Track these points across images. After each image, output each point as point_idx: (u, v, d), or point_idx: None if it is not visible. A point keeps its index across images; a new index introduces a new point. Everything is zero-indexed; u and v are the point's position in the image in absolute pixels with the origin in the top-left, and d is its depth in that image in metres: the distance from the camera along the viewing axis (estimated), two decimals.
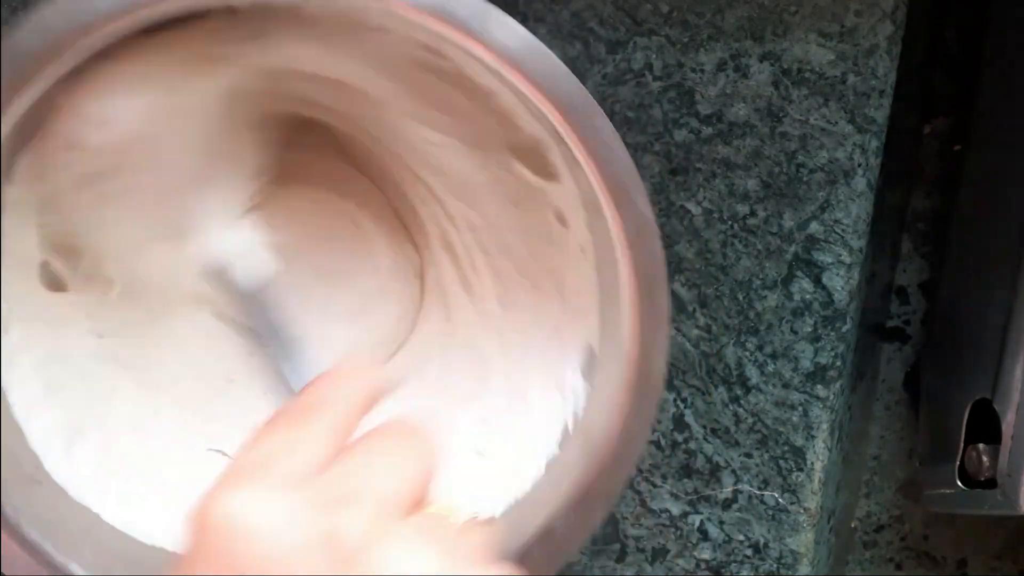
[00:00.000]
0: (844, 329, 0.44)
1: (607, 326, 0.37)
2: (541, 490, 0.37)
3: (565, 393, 0.39)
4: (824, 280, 0.44)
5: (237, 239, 0.36)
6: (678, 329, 0.45)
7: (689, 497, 0.46)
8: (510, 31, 0.32)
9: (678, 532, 0.46)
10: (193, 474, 0.39)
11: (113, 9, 0.30)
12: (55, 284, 0.38)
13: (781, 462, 0.45)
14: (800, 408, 0.45)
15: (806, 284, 0.44)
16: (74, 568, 0.33)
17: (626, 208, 0.34)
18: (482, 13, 0.32)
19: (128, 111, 0.32)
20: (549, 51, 0.32)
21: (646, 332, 0.34)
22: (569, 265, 0.40)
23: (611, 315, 0.37)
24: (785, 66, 0.43)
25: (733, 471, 0.46)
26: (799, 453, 0.45)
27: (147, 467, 0.39)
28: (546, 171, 0.37)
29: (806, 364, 0.45)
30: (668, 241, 0.44)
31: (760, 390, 0.45)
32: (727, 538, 0.46)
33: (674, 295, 0.45)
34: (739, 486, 0.46)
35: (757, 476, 0.46)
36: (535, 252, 0.40)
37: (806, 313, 0.44)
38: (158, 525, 0.37)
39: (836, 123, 0.43)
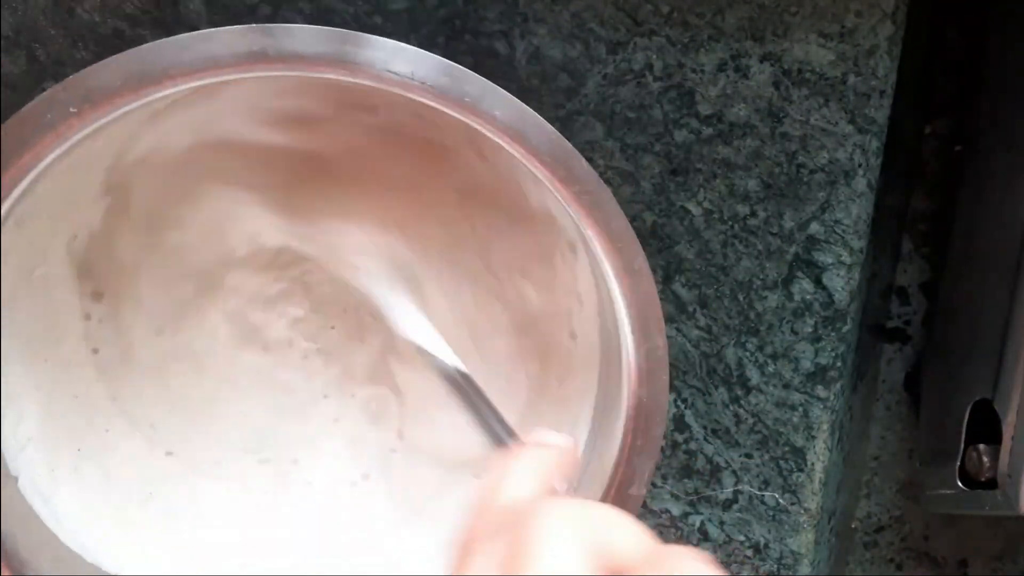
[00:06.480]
0: (844, 330, 0.44)
1: (598, 446, 0.38)
2: None
3: None
4: (824, 280, 0.44)
5: None
6: (678, 330, 0.45)
7: (689, 497, 0.46)
8: None
9: (678, 532, 0.46)
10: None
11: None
12: None
13: (781, 463, 0.45)
14: (800, 409, 0.45)
15: (806, 284, 0.44)
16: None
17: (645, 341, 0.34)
18: None
19: None
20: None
21: (635, 463, 0.35)
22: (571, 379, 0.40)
23: (603, 438, 0.37)
24: (785, 67, 0.43)
25: (733, 472, 0.46)
26: (799, 454, 0.45)
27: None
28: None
29: (806, 365, 0.45)
30: (668, 241, 0.44)
31: (760, 391, 0.45)
32: (727, 538, 0.46)
33: (674, 295, 0.45)
34: (739, 486, 0.46)
35: (757, 477, 0.46)
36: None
37: (806, 314, 0.44)
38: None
39: (836, 123, 0.43)
